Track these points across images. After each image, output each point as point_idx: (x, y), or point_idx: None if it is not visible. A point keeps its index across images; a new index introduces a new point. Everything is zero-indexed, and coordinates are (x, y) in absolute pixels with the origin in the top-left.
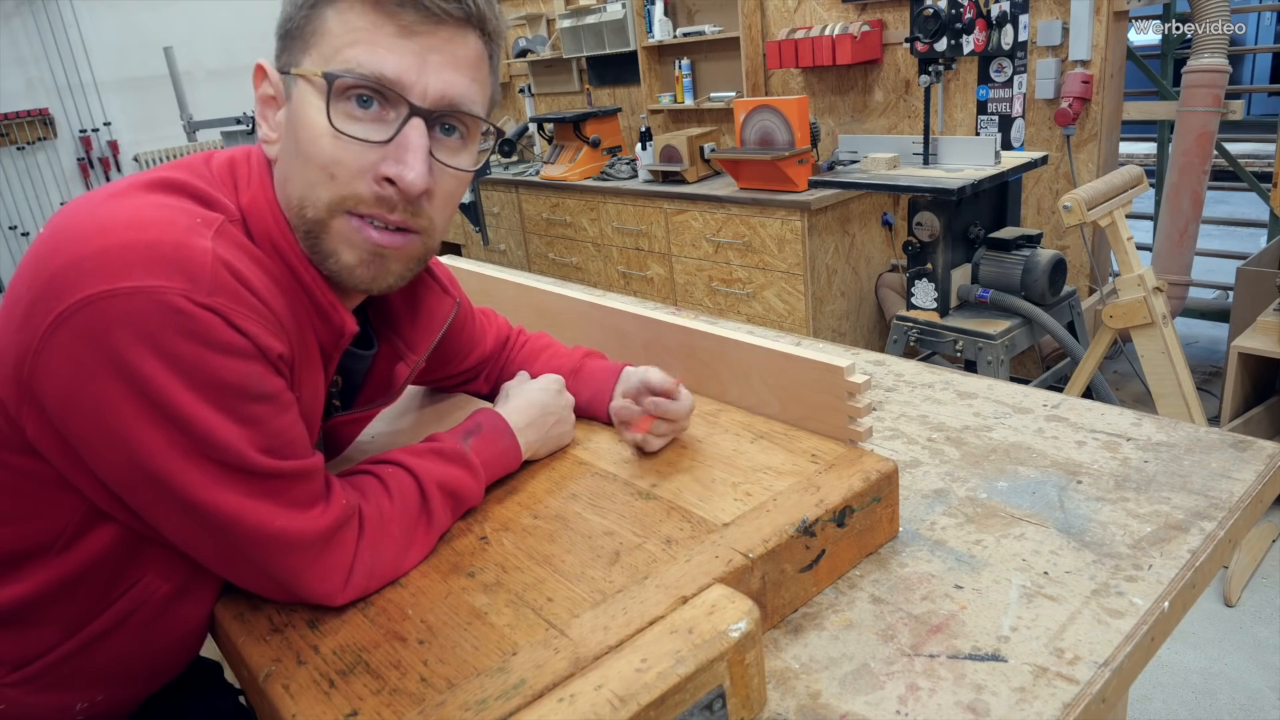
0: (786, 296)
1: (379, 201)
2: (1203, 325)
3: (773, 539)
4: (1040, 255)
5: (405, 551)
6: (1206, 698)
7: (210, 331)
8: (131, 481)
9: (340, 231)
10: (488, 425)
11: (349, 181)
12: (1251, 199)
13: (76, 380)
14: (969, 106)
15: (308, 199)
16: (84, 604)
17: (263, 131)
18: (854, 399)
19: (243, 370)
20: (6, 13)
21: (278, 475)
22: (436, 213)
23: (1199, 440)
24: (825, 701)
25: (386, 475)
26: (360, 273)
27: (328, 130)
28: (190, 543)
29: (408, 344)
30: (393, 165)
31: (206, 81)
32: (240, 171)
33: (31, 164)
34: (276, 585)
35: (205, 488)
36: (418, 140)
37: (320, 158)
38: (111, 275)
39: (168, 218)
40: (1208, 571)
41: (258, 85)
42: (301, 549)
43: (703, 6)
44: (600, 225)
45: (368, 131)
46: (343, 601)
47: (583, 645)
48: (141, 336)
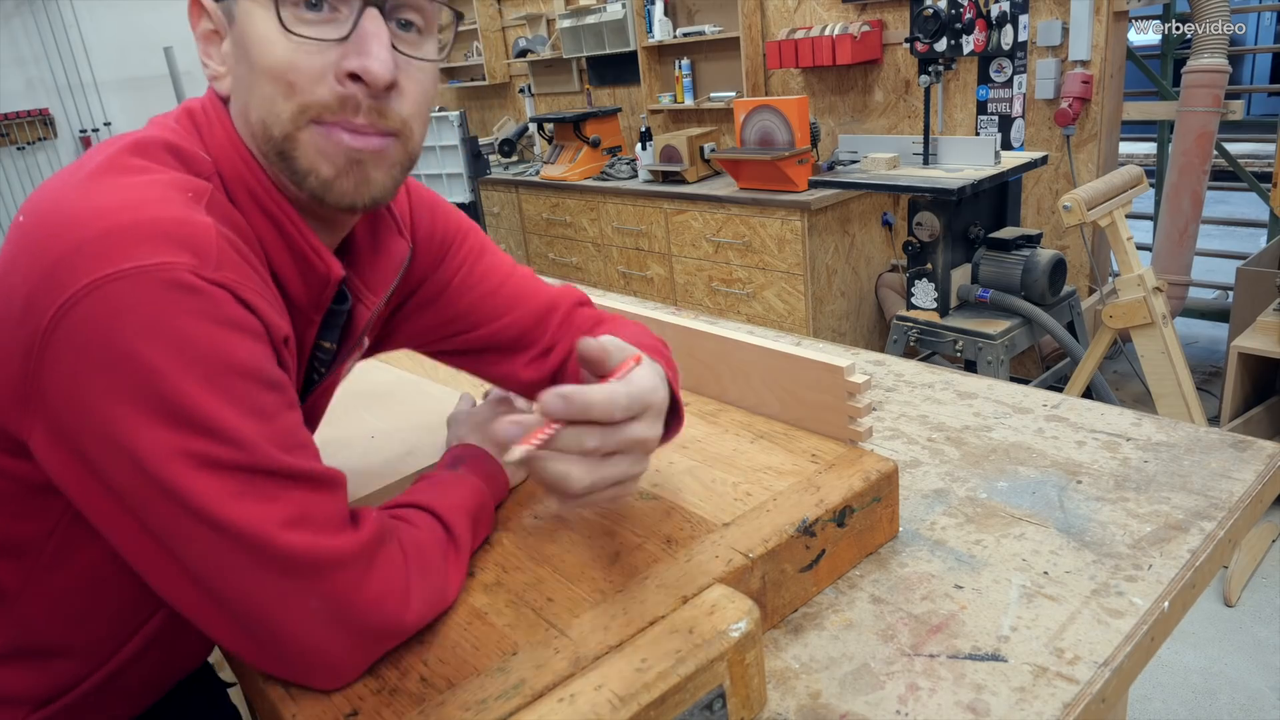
0: (786, 296)
1: (343, 104)
2: (1203, 325)
3: (773, 539)
4: (1040, 255)
5: (447, 580)
6: (1206, 698)
7: (223, 308)
8: (142, 499)
9: (311, 143)
10: (468, 455)
11: (309, 87)
12: (1251, 199)
13: (81, 377)
14: (969, 106)
15: (269, 116)
16: (108, 628)
17: (210, 69)
18: (854, 399)
19: (257, 352)
20: (6, 13)
21: (303, 477)
22: (409, 111)
23: (1199, 440)
24: (825, 701)
25: (403, 514)
26: (342, 184)
27: (280, 36)
28: (225, 584)
29: (366, 284)
30: (355, 59)
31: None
32: (200, 120)
33: (31, 164)
34: (328, 614)
35: (224, 500)
36: (376, 28)
37: (276, 67)
38: (115, 257)
39: (162, 194)
40: (1208, 571)
41: (195, 24)
42: (346, 564)
43: (703, 6)
44: (600, 225)
45: (323, 31)
46: (411, 623)
47: (583, 645)
48: (149, 323)
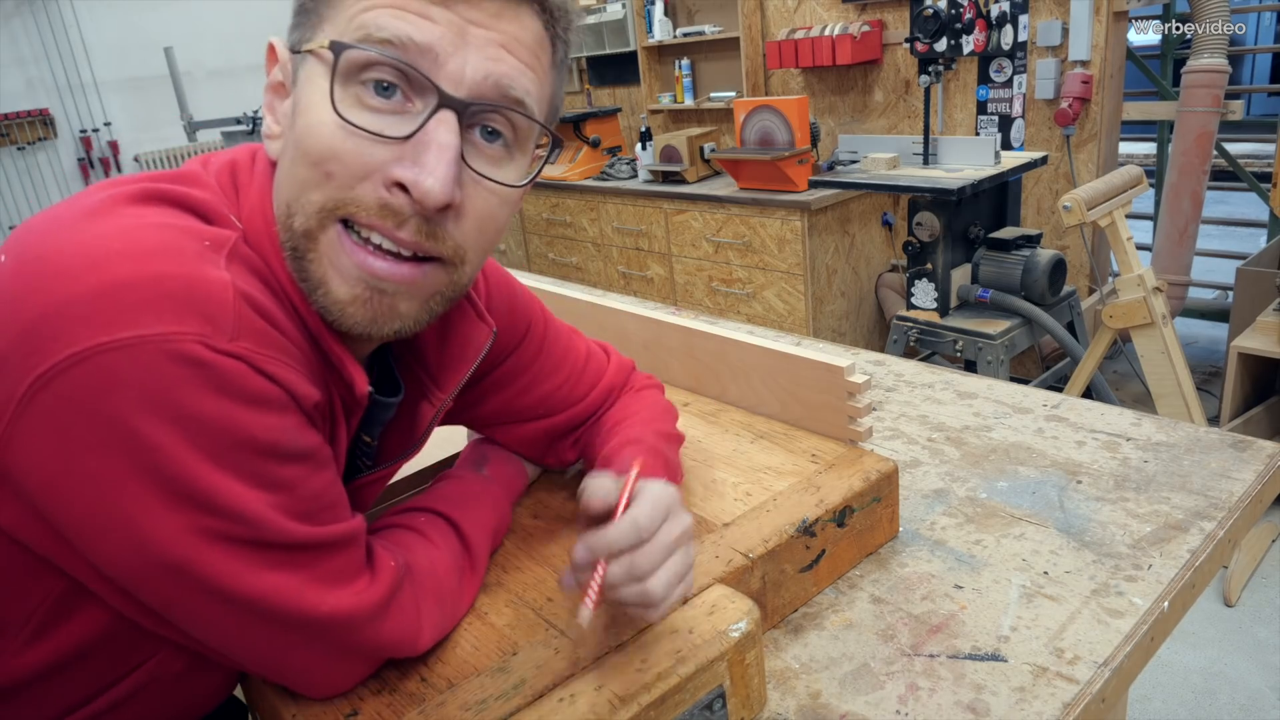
0: (786, 296)
1: (384, 211)
2: (1202, 325)
3: (773, 539)
4: (1040, 255)
5: (460, 602)
6: (1206, 698)
7: (237, 382)
8: (143, 575)
9: (329, 251)
10: (492, 454)
11: (349, 183)
12: (1251, 199)
13: (65, 457)
14: (969, 106)
15: (297, 204)
16: (83, 687)
17: (266, 125)
18: (854, 399)
19: (276, 426)
20: (6, 13)
21: (317, 545)
22: (467, 237)
23: (1199, 440)
24: (825, 701)
25: (422, 525)
26: (355, 312)
27: (329, 117)
28: (230, 641)
29: (433, 378)
30: (408, 168)
31: (206, 81)
32: (242, 177)
33: (31, 164)
34: (339, 656)
35: (238, 574)
36: (445, 137)
37: (316, 150)
38: (110, 323)
39: (172, 242)
40: (1207, 571)
41: (269, 70)
42: (361, 621)
43: (703, 6)
44: (600, 225)
45: (383, 124)
46: (421, 649)
47: (583, 645)
48: (150, 399)
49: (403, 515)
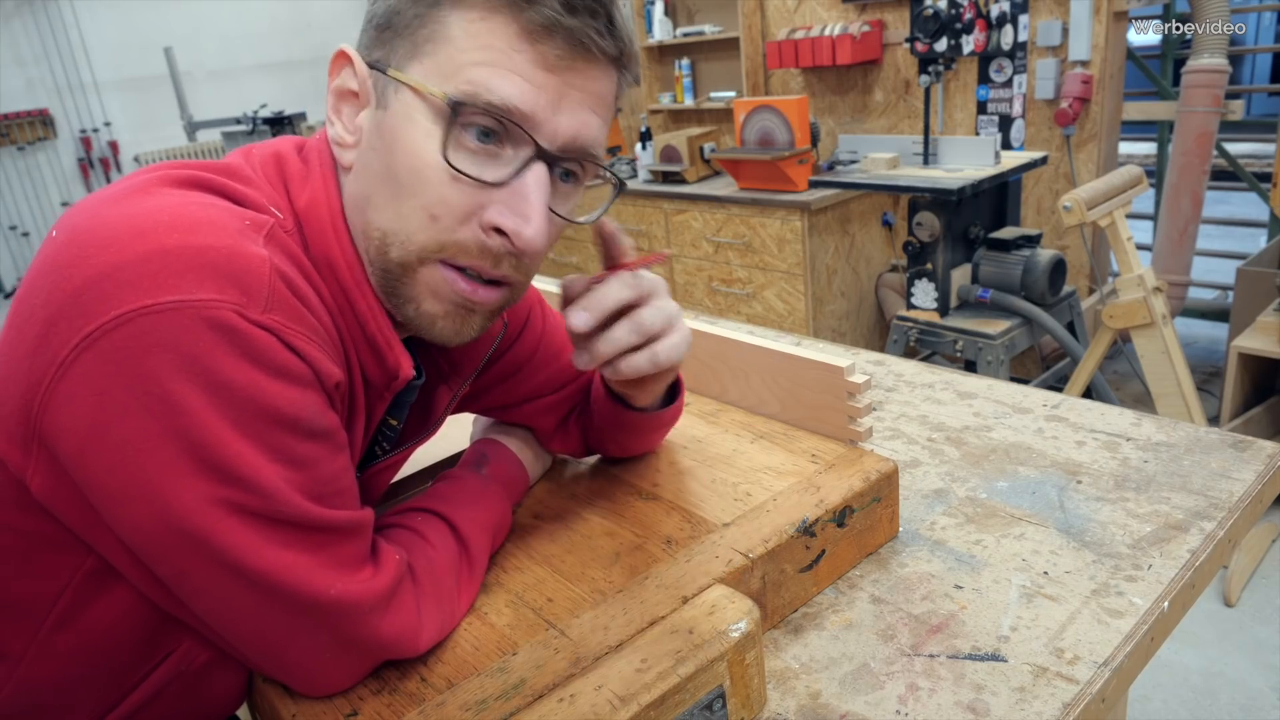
0: (786, 296)
1: (483, 252)
2: (1202, 325)
3: (773, 539)
4: (1040, 255)
5: (458, 602)
6: (1206, 698)
7: (266, 353)
8: (162, 544)
9: (429, 281)
10: (492, 454)
11: (453, 227)
12: (1251, 199)
13: (101, 418)
14: (969, 106)
15: (396, 238)
16: (111, 684)
17: (335, 131)
18: (854, 399)
19: (299, 400)
20: (6, 13)
21: (329, 528)
22: (536, 264)
23: (1199, 440)
24: (825, 701)
25: (419, 525)
26: (443, 325)
27: (439, 165)
28: (237, 621)
29: (451, 364)
30: (508, 216)
31: (206, 81)
32: (291, 169)
33: (31, 164)
34: (341, 648)
35: (253, 547)
36: (539, 189)
37: (424, 195)
38: (155, 287)
39: (216, 219)
40: (1207, 571)
41: (335, 74)
42: (364, 610)
43: (703, 6)
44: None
45: (482, 169)
46: (421, 649)
47: (583, 645)
48: (185, 362)
49: (401, 515)
